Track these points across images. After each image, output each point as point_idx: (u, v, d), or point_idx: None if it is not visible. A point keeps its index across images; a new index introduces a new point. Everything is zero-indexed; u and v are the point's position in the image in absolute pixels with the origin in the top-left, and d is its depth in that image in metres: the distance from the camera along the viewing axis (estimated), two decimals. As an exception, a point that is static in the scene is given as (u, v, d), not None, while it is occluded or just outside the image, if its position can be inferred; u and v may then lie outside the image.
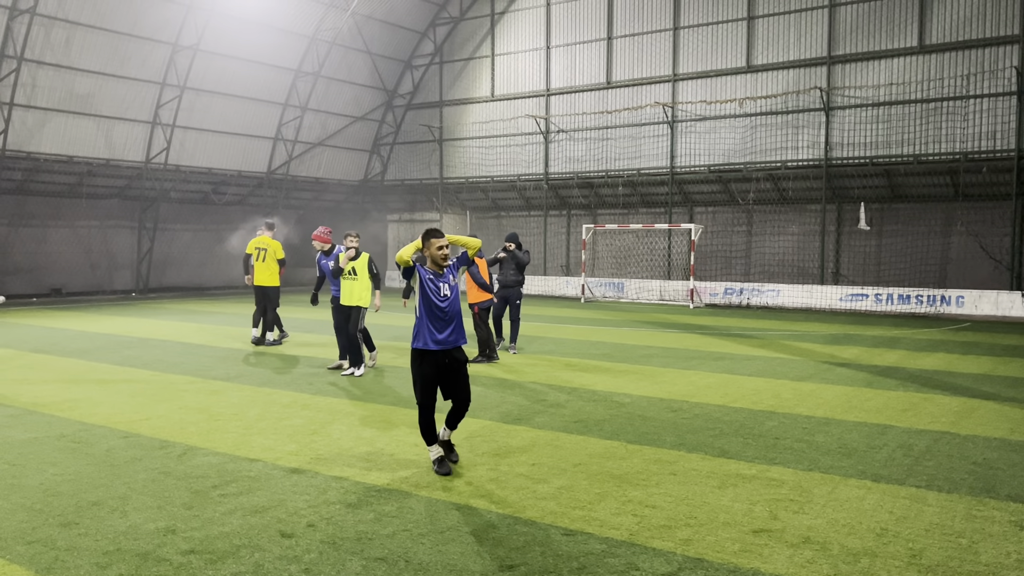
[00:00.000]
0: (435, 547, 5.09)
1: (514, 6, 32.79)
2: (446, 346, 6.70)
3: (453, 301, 6.75)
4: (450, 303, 6.72)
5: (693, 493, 6.20)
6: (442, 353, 6.71)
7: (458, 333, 6.81)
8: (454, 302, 6.76)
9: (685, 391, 10.58)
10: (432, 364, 6.69)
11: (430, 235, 6.78)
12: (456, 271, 6.87)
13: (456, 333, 6.79)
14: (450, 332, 6.72)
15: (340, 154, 35.33)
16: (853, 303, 24.49)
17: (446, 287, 6.73)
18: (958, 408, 9.58)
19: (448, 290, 6.73)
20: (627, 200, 30.21)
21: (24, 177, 25.53)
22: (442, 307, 6.68)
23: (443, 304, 6.68)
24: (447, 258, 6.78)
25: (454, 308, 6.76)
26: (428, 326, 6.68)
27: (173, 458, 7.11)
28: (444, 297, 6.70)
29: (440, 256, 6.74)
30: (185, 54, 27.61)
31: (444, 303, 6.69)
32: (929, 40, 24.43)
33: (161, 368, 12.29)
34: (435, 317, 6.68)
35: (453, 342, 6.75)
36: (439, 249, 6.73)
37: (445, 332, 6.70)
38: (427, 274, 6.74)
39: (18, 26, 23.46)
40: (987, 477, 6.68)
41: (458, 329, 6.81)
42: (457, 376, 6.79)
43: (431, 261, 6.77)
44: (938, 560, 4.92)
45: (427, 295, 6.69)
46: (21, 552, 4.97)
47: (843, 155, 25.72)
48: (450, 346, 6.73)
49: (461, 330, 6.85)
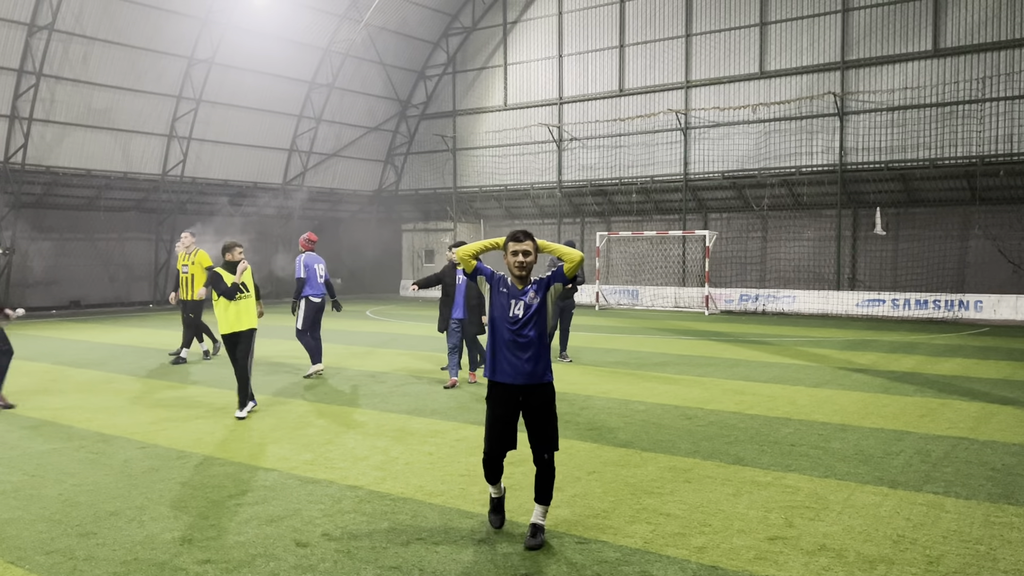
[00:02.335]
0: (449, 556, 5.09)
1: (526, 15, 32.91)
2: (518, 380, 5.30)
3: (529, 325, 5.31)
4: (523, 326, 5.30)
5: (708, 500, 6.17)
6: (513, 389, 5.34)
7: (536, 365, 5.32)
8: (531, 327, 5.31)
9: (700, 398, 10.54)
10: (502, 400, 5.37)
11: (510, 237, 5.40)
12: (545, 290, 5.39)
13: (534, 364, 5.31)
14: (525, 362, 5.29)
15: (355, 164, 35.53)
16: (870, 309, 24.32)
17: (519, 307, 5.31)
18: (976, 413, 9.50)
19: (522, 310, 5.30)
20: (641, 207, 30.18)
21: (43, 191, 25.85)
22: (511, 330, 5.29)
23: (512, 327, 5.29)
24: (524, 268, 5.36)
25: (530, 334, 5.31)
26: (498, 351, 5.35)
27: (190, 468, 7.16)
28: (514, 318, 5.30)
29: (515, 265, 5.35)
30: (201, 67, 27.89)
31: (514, 325, 5.29)
32: (944, 43, 24.30)
33: (178, 379, 12.38)
34: (504, 343, 5.32)
35: (529, 376, 5.30)
36: (514, 255, 5.35)
37: (518, 363, 5.29)
38: (500, 285, 5.39)
39: (37, 42, 23.79)
40: (1006, 483, 6.61)
41: (535, 361, 5.32)
42: (534, 417, 5.36)
43: (508, 270, 5.46)
44: (956, 567, 4.88)
45: (496, 313, 5.36)
46: (40, 562, 5.02)
47: (858, 160, 25.60)
48: (522, 380, 5.31)
49: (540, 362, 5.35)
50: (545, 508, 5.37)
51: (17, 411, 9.79)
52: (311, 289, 12.33)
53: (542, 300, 5.37)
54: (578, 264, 5.40)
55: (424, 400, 10.49)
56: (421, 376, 12.61)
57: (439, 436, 8.38)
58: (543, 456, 5.33)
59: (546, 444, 5.33)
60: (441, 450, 7.77)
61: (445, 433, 8.51)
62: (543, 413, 5.36)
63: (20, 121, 24.14)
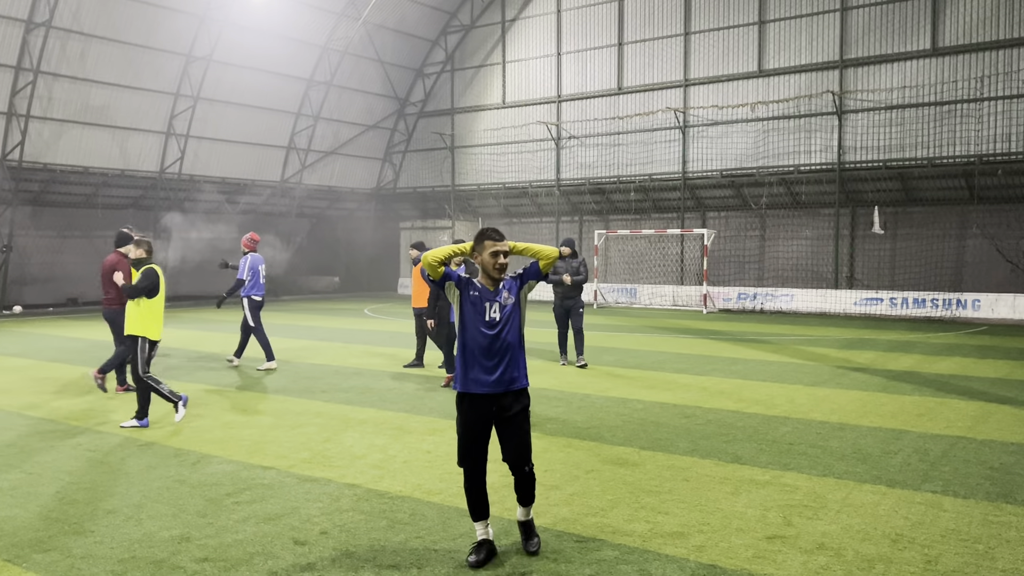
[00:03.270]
0: (448, 555, 5.09)
1: (525, 13, 32.89)
2: (495, 388, 5.00)
3: (506, 328, 5.02)
4: (501, 330, 5.01)
5: (706, 499, 6.17)
6: (488, 399, 5.03)
7: (513, 370, 5.05)
8: (508, 329, 5.03)
9: (698, 397, 10.55)
10: (476, 413, 5.03)
11: (485, 236, 5.08)
12: (518, 289, 5.13)
13: (511, 370, 5.03)
14: (502, 370, 5.00)
15: (353, 162, 35.51)
16: (868, 307, 24.34)
17: (495, 309, 5.01)
18: (974, 412, 9.50)
19: (498, 312, 5.01)
20: (639, 206, 30.18)
21: (41, 188, 25.81)
22: (487, 334, 4.98)
23: (488, 331, 4.99)
24: (504, 270, 5.10)
25: (507, 337, 5.02)
26: (469, 360, 5.02)
27: (187, 466, 7.15)
28: (491, 321, 5.00)
29: (495, 267, 5.04)
30: (198, 65, 27.85)
31: (491, 329, 4.99)
32: (942, 42, 24.31)
33: (174, 376, 12.36)
34: (478, 348, 4.98)
35: (507, 383, 5.03)
36: (494, 256, 5.04)
37: (494, 370, 4.99)
38: (470, 288, 5.05)
39: (34, 39, 23.74)
40: (1004, 482, 6.62)
41: (513, 365, 5.04)
42: (508, 428, 5.06)
43: (483, 272, 5.12)
44: (954, 566, 4.88)
45: (469, 318, 5.03)
46: (38, 560, 5.01)
47: (856, 159, 25.62)
48: (501, 388, 5.02)
49: (518, 366, 5.09)
50: (531, 507, 5.19)
51: (14, 408, 9.77)
52: (255, 289, 13.17)
53: (516, 300, 5.11)
54: (554, 260, 5.16)
55: (422, 398, 10.49)
56: (419, 374, 12.60)
57: (437, 434, 8.37)
58: (524, 469, 5.08)
59: (525, 456, 5.07)
60: (439, 448, 7.77)
61: (443, 431, 8.50)
62: (519, 421, 5.05)
63: (17, 118, 24.09)
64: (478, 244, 5.08)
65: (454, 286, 5.07)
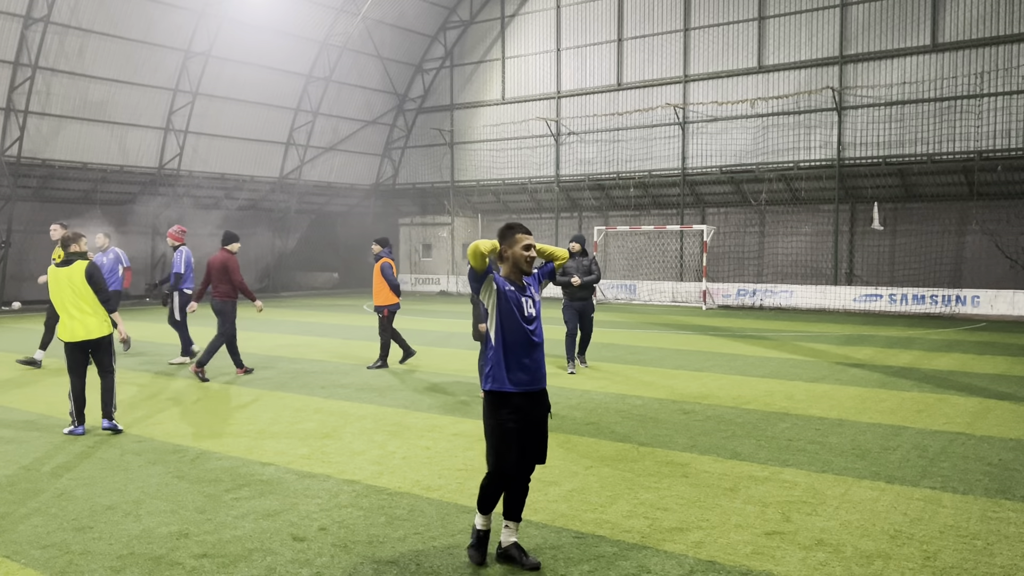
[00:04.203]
0: (447, 550, 5.09)
1: (524, 9, 32.83)
2: (533, 386, 4.92)
3: (537, 323, 5.01)
4: (535, 323, 4.99)
5: (705, 495, 6.17)
6: (529, 397, 4.90)
7: (544, 367, 5.02)
8: (538, 325, 5.02)
9: (697, 393, 10.55)
10: (518, 412, 4.86)
11: (514, 230, 4.95)
12: (538, 286, 5.12)
13: (543, 366, 5.00)
14: (538, 366, 4.96)
15: (352, 158, 35.46)
16: (867, 304, 24.35)
17: (530, 304, 4.96)
18: (973, 409, 9.51)
19: (533, 308, 4.98)
20: (639, 202, 30.17)
21: (39, 184, 25.77)
22: (528, 329, 4.91)
23: (528, 326, 4.92)
24: (532, 264, 5.02)
25: (540, 331, 5.03)
26: (510, 358, 4.88)
27: (186, 462, 7.15)
28: (530, 317, 4.94)
29: (526, 260, 4.94)
30: (197, 60, 27.80)
31: (530, 324, 4.93)
32: (942, 38, 24.28)
33: (172, 371, 12.36)
34: (519, 346, 4.88)
35: (541, 379, 4.98)
36: (526, 249, 4.93)
37: (533, 366, 4.92)
38: (506, 285, 4.92)
39: (32, 34, 23.69)
40: (1003, 478, 6.62)
41: (543, 362, 5.03)
42: (537, 427, 4.95)
43: (511, 267, 4.97)
44: (953, 562, 4.88)
45: (508, 314, 4.89)
46: (36, 556, 5.01)
47: (856, 155, 25.60)
48: (537, 386, 4.95)
49: (544, 363, 5.06)
50: (517, 523, 5.00)
51: (12, 405, 9.77)
52: (187, 283, 13.56)
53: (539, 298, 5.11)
54: (565, 262, 5.27)
55: (421, 395, 10.49)
56: (418, 371, 12.60)
57: (436, 431, 8.37)
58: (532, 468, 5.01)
59: (543, 455, 4.99)
60: (438, 444, 7.77)
61: (442, 428, 8.50)
62: (545, 419, 5.00)
63: (16, 114, 24.04)
64: (508, 237, 4.93)
65: (493, 281, 4.90)
